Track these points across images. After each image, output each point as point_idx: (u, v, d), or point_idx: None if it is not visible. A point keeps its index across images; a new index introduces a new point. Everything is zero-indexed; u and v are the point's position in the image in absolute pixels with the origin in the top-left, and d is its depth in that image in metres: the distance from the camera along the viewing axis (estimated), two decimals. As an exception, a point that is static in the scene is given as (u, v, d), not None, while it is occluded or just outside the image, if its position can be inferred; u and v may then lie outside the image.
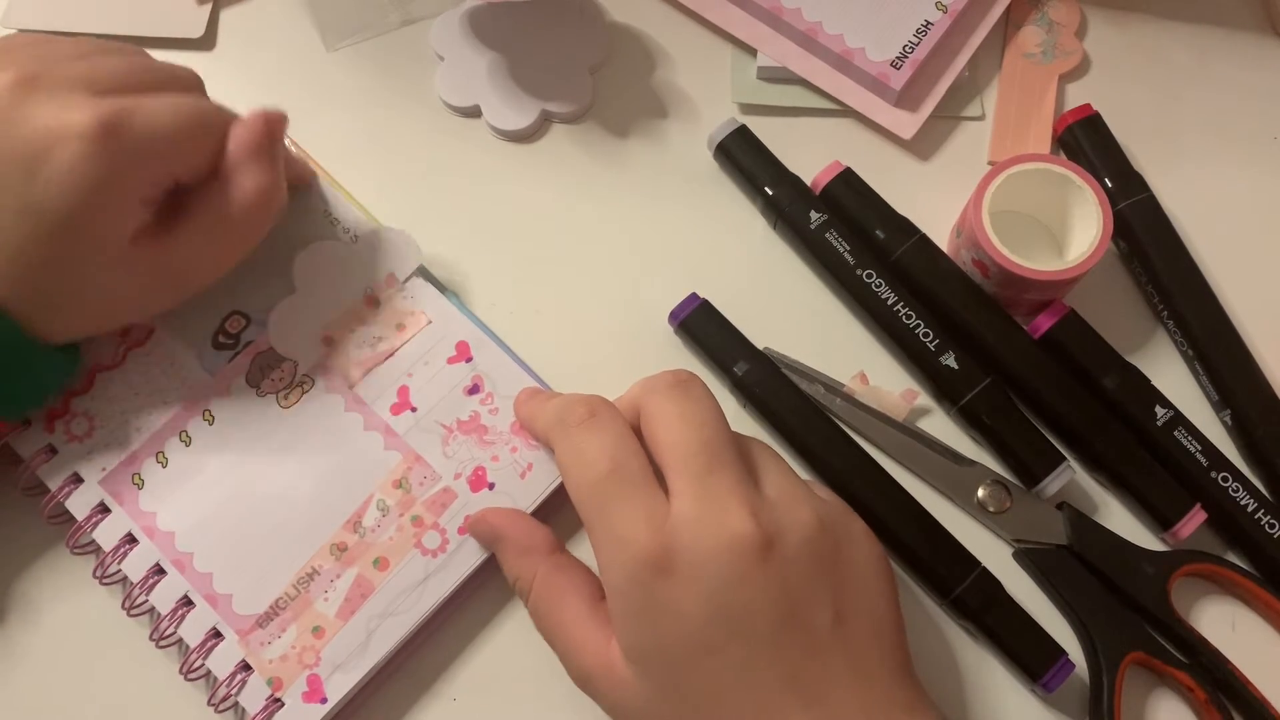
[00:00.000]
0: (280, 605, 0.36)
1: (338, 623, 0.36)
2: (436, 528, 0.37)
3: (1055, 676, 0.36)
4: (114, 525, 0.38)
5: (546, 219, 0.45)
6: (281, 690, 0.35)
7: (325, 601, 0.36)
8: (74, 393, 0.39)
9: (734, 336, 0.41)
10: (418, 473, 0.38)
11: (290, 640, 0.36)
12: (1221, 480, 0.39)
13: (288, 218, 0.41)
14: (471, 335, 0.40)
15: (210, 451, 0.38)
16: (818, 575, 0.31)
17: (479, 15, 0.47)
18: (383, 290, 0.40)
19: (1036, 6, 0.48)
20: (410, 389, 0.39)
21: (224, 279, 0.38)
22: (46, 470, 0.38)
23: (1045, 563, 0.38)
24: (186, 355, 0.40)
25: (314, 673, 0.36)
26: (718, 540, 0.30)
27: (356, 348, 0.40)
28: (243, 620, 0.36)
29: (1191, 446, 0.39)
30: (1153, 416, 0.40)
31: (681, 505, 0.31)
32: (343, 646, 0.36)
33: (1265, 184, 0.46)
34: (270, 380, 0.39)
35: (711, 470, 0.31)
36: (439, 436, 0.38)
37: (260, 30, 0.48)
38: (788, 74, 0.46)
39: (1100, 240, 0.39)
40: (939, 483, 0.40)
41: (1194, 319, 0.42)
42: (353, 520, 0.37)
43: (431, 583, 0.37)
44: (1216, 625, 0.39)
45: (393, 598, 0.36)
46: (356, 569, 0.37)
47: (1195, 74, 0.48)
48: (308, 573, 0.37)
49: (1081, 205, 0.41)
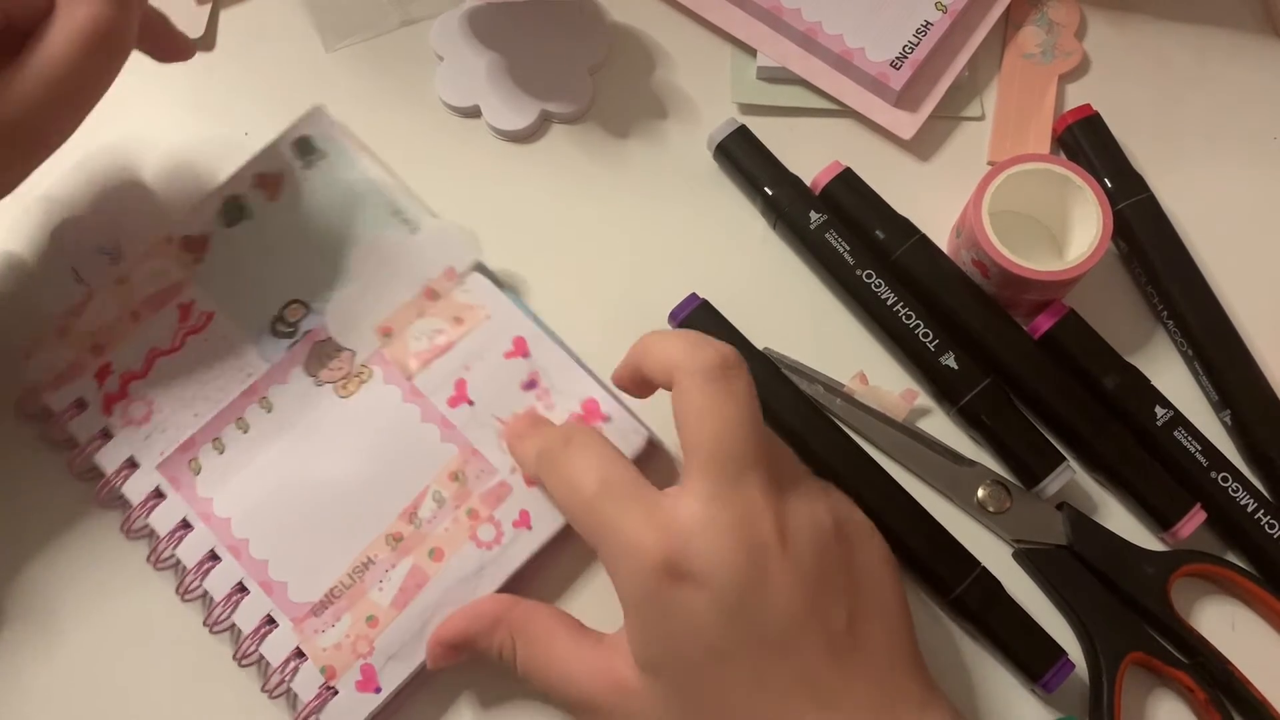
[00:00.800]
0: (335, 594, 0.37)
1: (392, 612, 0.36)
2: (492, 521, 0.37)
3: (1055, 676, 0.36)
4: (170, 510, 0.38)
5: (546, 219, 0.45)
6: (335, 679, 0.36)
7: (380, 591, 0.37)
8: (132, 376, 0.39)
9: (734, 337, 0.41)
10: (474, 466, 0.38)
11: (345, 629, 0.36)
12: (1221, 480, 0.39)
13: (349, 207, 0.41)
14: (528, 331, 0.40)
15: (267, 439, 0.39)
16: (833, 577, 0.31)
17: (479, 15, 0.47)
18: (441, 283, 0.41)
19: (1036, 7, 0.48)
20: (468, 382, 0.39)
21: (285, 266, 0.38)
22: (103, 454, 0.38)
23: (1045, 563, 0.38)
24: (245, 342, 0.40)
25: (368, 662, 0.36)
26: (733, 543, 0.30)
27: (415, 340, 0.40)
28: (297, 608, 0.37)
29: (1191, 446, 0.39)
30: (1153, 416, 0.40)
31: (694, 506, 0.30)
32: (397, 636, 0.36)
33: (1265, 184, 0.46)
34: (329, 369, 0.39)
35: (738, 480, 0.30)
36: (495, 430, 0.39)
37: (260, 30, 0.48)
38: (787, 74, 0.46)
39: (1100, 240, 0.39)
40: (939, 483, 0.40)
41: (1194, 319, 0.42)
42: (409, 511, 0.38)
43: (486, 574, 0.37)
44: (1216, 625, 0.39)
45: (447, 588, 0.37)
46: (412, 559, 0.37)
47: (1195, 74, 0.48)
48: (363, 562, 0.37)
49: (1081, 205, 0.41)
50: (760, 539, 0.30)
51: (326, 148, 0.43)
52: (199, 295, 0.41)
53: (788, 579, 0.30)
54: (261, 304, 0.40)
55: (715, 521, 0.30)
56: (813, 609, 0.30)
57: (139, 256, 0.41)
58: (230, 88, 0.47)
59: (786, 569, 0.30)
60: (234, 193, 0.42)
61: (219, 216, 0.42)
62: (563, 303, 0.43)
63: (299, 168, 0.42)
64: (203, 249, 0.41)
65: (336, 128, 0.43)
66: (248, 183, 0.42)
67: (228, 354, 0.40)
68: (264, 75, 0.47)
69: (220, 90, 0.47)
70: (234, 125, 0.46)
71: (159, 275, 0.41)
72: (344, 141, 0.43)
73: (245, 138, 0.46)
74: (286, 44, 0.48)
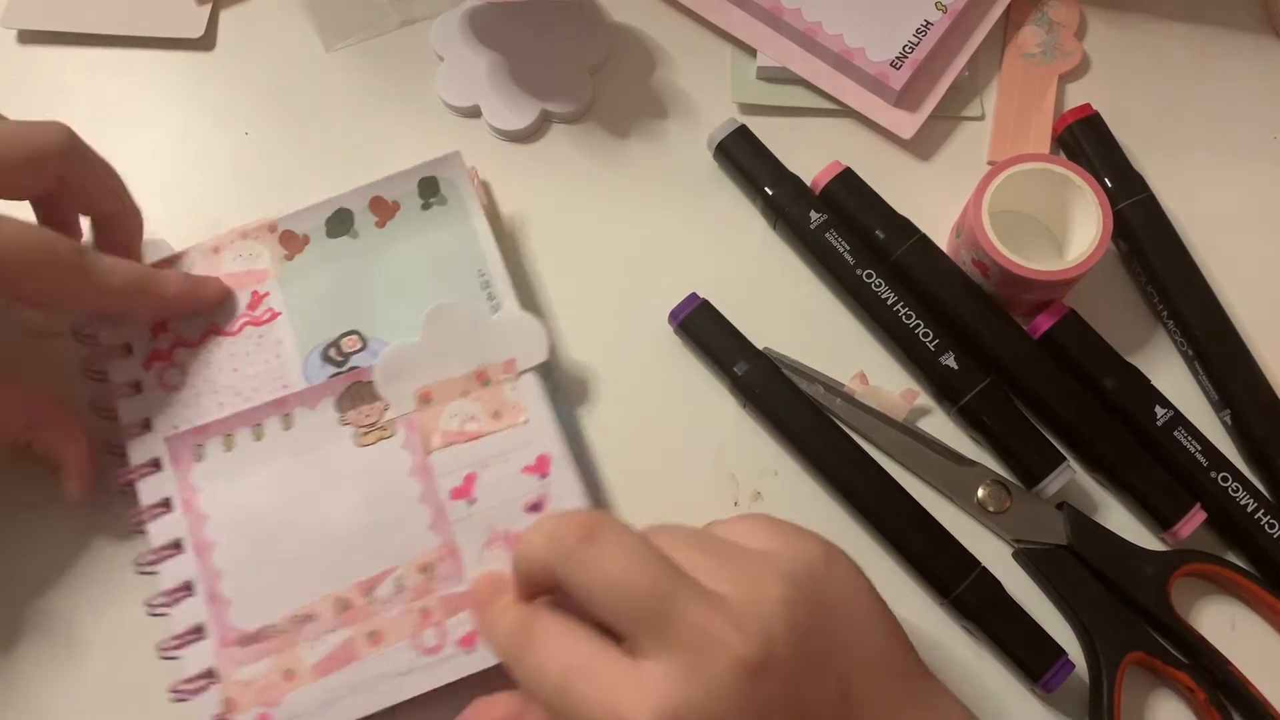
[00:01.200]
0: (267, 633, 0.36)
1: (311, 675, 0.36)
2: (441, 627, 0.36)
3: (1055, 676, 0.36)
4: (159, 484, 0.38)
5: (546, 219, 0.45)
6: (232, 714, 0.35)
7: (309, 649, 0.36)
8: (182, 343, 0.40)
9: (734, 336, 0.41)
10: (447, 566, 0.37)
11: (262, 671, 0.36)
12: (1221, 480, 0.39)
13: (445, 263, 0.40)
14: (556, 451, 0.38)
15: (274, 455, 0.38)
16: (811, 653, 0.29)
17: (479, 15, 0.47)
18: (497, 372, 0.39)
19: (1036, 6, 0.48)
20: (478, 479, 0.38)
21: (361, 296, 0.40)
22: (126, 404, 0.39)
23: (1045, 563, 0.38)
24: (294, 354, 0.40)
25: (268, 712, 0.35)
26: (711, 685, 0.27)
27: (449, 417, 0.39)
28: (229, 631, 0.36)
29: (1191, 446, 0.39)
30: (1153, 417, 0.40)
31: (655, 670, 0.28)
32: (305, 700, 0.35)
33: (1265, 184, 0.46)
34: (357, 412, 0.39)
35: (667, 616, 0.28)
36: (482, 539, 0.37)
37: (260, 30, 0.48)
38: (788, 74, 0.46)
39: (1100, 240, 0.39)
40: (939, 483, 0.40)
41: (1194, 319, 0.42)
42: (368, 584, 0.37)
43: (411, 679, 0.36)
44: (1216, 625, 0.39)
45: (370, 677, 0.36)
46: (350, 632, 0.36)
47: (1195, 74, 0.48)
48: (305, 614, 0.36)
49: (1081, 205, 0.41)
50: (735, 665, 0.27)
51: (449, 195, 0.41)
52: (274, 290, 0.40)
53: (774, 686, 0.28)
54: (324, 324, 0.40)
55: (686, 674, 0.27)
56: (805, 703, 0.28)
57: (235, 232, 0.41)
58: (230, 88, 0.47)
59: (770, 676, 0.28)
60: (347, 206, 0.41)
61: (325, 223, 0.41)
62: (563, 302, 0.43)
63: (416, 205, 0.41)
64: (298, 249, 0.41)
65: (466, 180, 0.42)
66: (364, 201, 0.41)
67: (274, 359, 0.39)
68: (264, 75, 0.47)
69: (220, 90, 0.47)
70: (234, 125, 0.46)
71: (249, 257, 0.41)
72: (467, 196, 0.42)
73: (245, 137, 0.46)
74: (286, 44, 0.48)
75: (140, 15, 0.48)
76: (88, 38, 0.48)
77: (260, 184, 0.45)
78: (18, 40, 0.48)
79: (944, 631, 0.38)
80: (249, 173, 0.45)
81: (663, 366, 0.42)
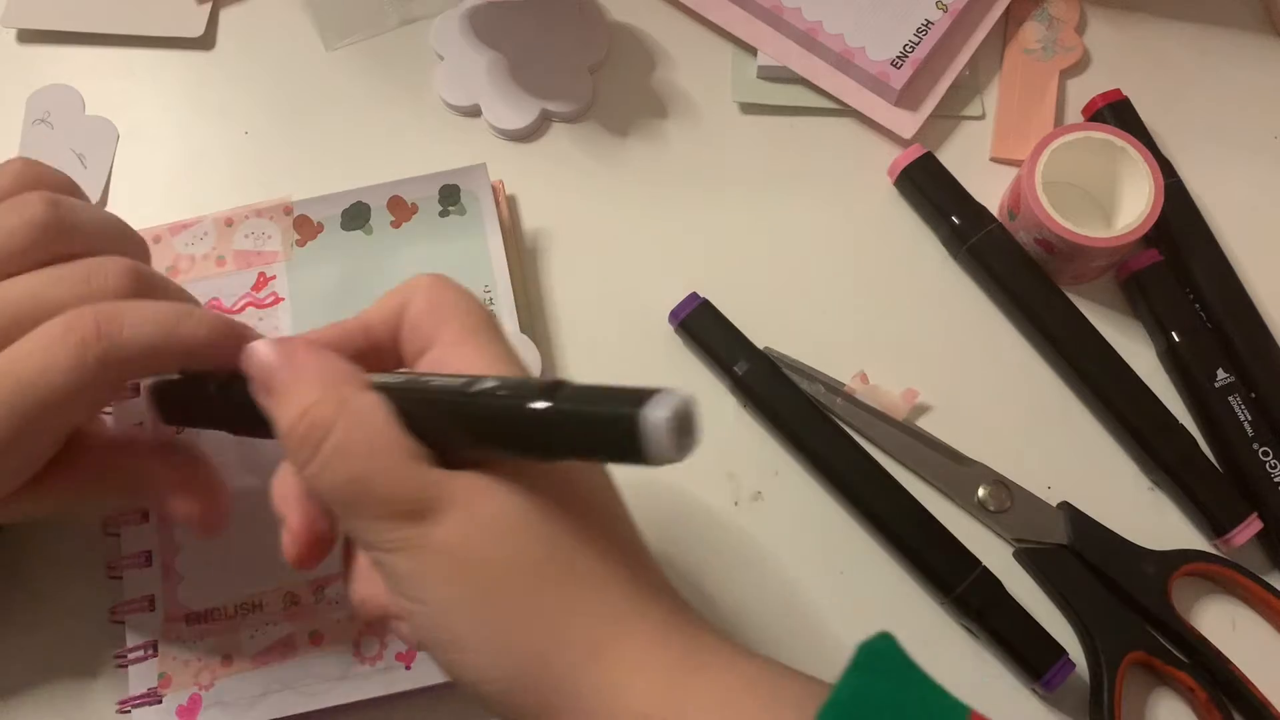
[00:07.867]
0: (213, 615, 0.36)
1: (247, 664, 0.36)
2: (381, 640, 0.36)
3: (1055, 676, 0.36)
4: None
5: (546, 218, 0.45)
6: (165, 689, 0.36)
7: (250, 639, 0.36)
8: None
9: (734, 336, 0.41)
10: None
11: (201, 652, 0.36)
12: (1261, 455, 0.39)
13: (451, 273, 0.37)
14: None
15: (247, 439, 0.37)
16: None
17: (479, 15, 0.47)
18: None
19: (1036, 2, 0.48)
20: None
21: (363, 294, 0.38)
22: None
23: (1045, 562, 0.38)
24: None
25: (199, 694, 0.35)
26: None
27: None
28: (178, 607, 0.37)
29: (1241, 415, 0.40)
30: (1213, 379, 0.40)
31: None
32: (237, 688, 0.36)
33: (1265, 182, 0.46)
34: None
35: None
36: None
37: (260, 30, 0.48)
38: (788, 73, 0.46)
39: (1154, 204, 0.40)
40: (939, 482, 0.40)
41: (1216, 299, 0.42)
42: (319, 583, 0.37)
43: (344, 685, 0.36)
44: (1216, 625, 0.39)
45: (305, 676, 0.36)
46: (292, 628, 0.36)
47: (1195, 71, 0.48)
48: (253, 603, 0.37)
49: (1132, 171, 0.41)
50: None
51: (469, 206, 0.41)
52: (281, 275, 0.40)
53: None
54: (324, 318, 0.38)
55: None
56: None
57: (250, 208, 0.41)
58: (230, 87, 0.47)
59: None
60: (366, 201, 0.41)
61: (342, 214, 0.41)
62: (563, 302, 0.43)
63: (435, 211, 0.41)
64: (311, 235, 0.41)
65: (488, 193, 0.42)
66: (383, 198, 0.42)
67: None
68: (264, 75, 0.47)
69: (220, 89, 0.47)
70: (234, 124, 0.46)
71: (261, 236, 0.41)
72: (485, 210, 0.41)
73: (245, 136, 0.46)
74: (286, 44, 0.48)
75: (140, 14, 0.48)
76: (87, 37, 0.48)
77: (260, 183, 0.45)
78: (18, 40, 0.48)
79: (944, 631, 0.39)
80: (249, 172, 0.45)
81: (663, 366, 0.42)
